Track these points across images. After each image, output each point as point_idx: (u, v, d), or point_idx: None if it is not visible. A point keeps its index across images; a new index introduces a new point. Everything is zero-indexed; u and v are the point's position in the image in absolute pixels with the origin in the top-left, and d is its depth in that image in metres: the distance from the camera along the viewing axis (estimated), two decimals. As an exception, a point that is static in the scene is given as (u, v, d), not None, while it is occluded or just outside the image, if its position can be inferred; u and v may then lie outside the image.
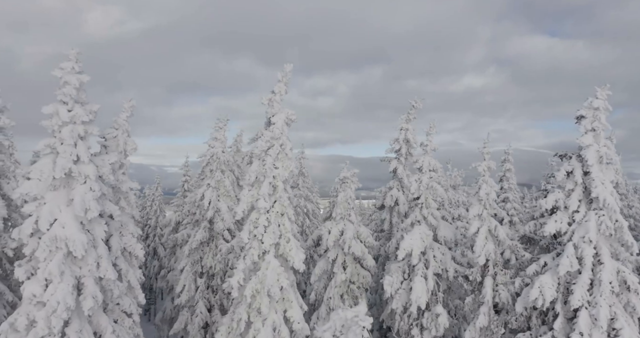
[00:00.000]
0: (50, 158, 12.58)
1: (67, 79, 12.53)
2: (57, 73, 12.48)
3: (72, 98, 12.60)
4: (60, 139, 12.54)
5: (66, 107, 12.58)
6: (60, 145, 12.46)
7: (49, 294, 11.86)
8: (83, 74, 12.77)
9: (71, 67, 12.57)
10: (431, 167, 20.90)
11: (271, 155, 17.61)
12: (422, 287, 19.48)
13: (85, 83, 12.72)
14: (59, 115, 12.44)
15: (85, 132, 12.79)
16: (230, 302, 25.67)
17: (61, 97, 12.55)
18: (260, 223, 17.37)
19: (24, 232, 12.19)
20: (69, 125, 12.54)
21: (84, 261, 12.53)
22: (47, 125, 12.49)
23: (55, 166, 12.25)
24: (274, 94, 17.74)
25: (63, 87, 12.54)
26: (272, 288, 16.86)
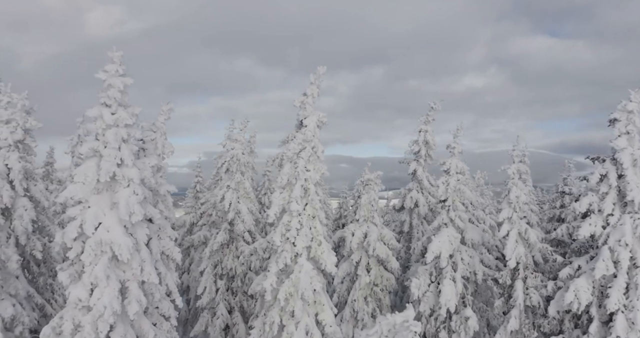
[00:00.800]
0: (93, 161, 12.51)
1: (111, 82, 12.46)
2: (101, 76, 12.41)
3: (116, 101, 12.54)
4: (103, 142, 12.47)
5: (110, 109, 12.51)
6: (104, 149, 12.38)
7: (96, 298, 11.79)
8: (126, 76, 12.69)
9: (115, 70, 12.49)
10: (458, 170, 20.85)
11: (303, 158, 17.55)
12: (451, 290, 19.42)
13: (129, 85, 12.64)
14: (103, 118, 12.37)
15: (127, 135, 12.72)
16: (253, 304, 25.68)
17: (105, 100, 12.48)
18: (293, 226, 17.32)
19: (68, 235, 12.12)
20: (113, 128, 12.48)
21: (128, 265, 12.46)
22: (91, 128, 12.43)
23: (100, 169, 12.18)
24: (305, 96, 17.68)
25: (107, 90, 12.46)
26: (305, 292, 16.81)
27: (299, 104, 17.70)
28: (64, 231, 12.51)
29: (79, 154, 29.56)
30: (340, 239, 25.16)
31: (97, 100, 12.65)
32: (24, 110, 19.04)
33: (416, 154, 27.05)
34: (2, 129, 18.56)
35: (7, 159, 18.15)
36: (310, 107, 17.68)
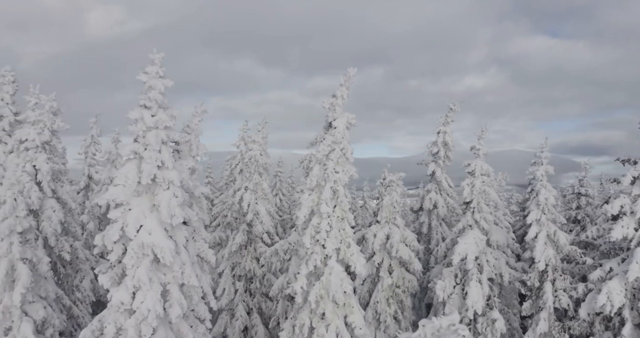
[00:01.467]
0: (134, 163, 12.45)
1: (151, 84, 12.40)
2: (142, 78, 12.35)
3: (157, 103, 12.48)
4: (144, 144, 12.41)
5: (150, 111, 12.45)
6: (145, 151, 12.32)
7: (139, 302, 11.72)
8: (166, 78, 12.64)
9: (155, 72, 12.44)
10: (483, 171, 20.79)
11: (332, 160, 17.49)
12: (478, 292, 19.36)
13: (169, 87, 12.59)
14: (143, 120, 12.31)
15: (167, 137, 12.66)
16: (274, 306, 25.67)
17: (145, 102, 12.42)
18: (322, 228, 17.25)
19: (109, 238, 12.05)
20: (153, 130, 12.42)
21: (169, 268, 12.40)
22: (132, 130, 12.36)
23: (142, 172, 12.12)
24: (335, 97, 17.60)
25: (148, 92, 12.41)
26: (336, 294, 16.76)
27: (328, 105, 17.63)
28: (104, 234, 12.45)
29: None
30: (359, 240, 25.12)
31: (137, 102, 12.58)
32: (51, 112, 19.01)
33: (435, 155, 27.00)
34: (30, 130, 18.54)
35: (35, 160, 18.10)
36: (339, 108, 17.60)
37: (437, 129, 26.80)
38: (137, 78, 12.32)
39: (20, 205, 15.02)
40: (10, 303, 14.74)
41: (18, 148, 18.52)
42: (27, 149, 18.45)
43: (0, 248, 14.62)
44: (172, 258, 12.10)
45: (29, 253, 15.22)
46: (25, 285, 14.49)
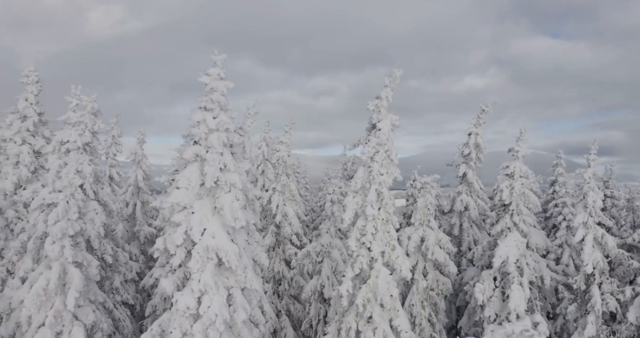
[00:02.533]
0: (196, 166, 12.33)
1: (213, 86, 12.28)
2: (204, 79, 12.23)
3: (219, 105, 12.36)
4: (205, 146, 12.29)
5: (211, 114, 12.33)
6: (208, 153, 12.20)
7: (205, 306, 11.59)
8: (227, 80, 12.51)
9: (217, 73, 12.32)
10: (522, 173, 20.65)
11: (377, 162, 17.37)
12: (520, 295, 19.20)
13: (231, 89, 12.46)
14: (206, 122, 12.18)
15: (227, 139, 12.54)
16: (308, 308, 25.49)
17: (207, 104, 12.30)
18: (368, 231, 17.11)
19: (172, 241, 11.92)
20: (215, 132, 12.29)
21: (232, 271, 12.28)
22: (195, 132, 12.23)
23: (205, 175, 11.99)
24: (379, 99, 17.49)
25: (210, 94, 12.28)
26: (384, 297, 16.63)
27: (373, 107, 17.50)
28: (165, 237, 12.33)
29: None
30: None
31: (197, 104, 12.45)
32: (92, 113, 18.88)
33: (466, 156, 26.84)
34: (71, 132, 18.41)
35: (76, 162, 17.97)
36: (384, 110, 17.48)
37: (468, 130, 26.66)
38: (200, 80, 12.20)
39: (72, 208, 14.89)
40: (62, 307, 14.61)
41: (59, 149, 18.38)
42: (69, 150, 18.33)
43: (52, 251, 14.51)
44: (237, 262, 11.97)
45: (80, 257, 15.08)
46: (78, 288, 14.36)
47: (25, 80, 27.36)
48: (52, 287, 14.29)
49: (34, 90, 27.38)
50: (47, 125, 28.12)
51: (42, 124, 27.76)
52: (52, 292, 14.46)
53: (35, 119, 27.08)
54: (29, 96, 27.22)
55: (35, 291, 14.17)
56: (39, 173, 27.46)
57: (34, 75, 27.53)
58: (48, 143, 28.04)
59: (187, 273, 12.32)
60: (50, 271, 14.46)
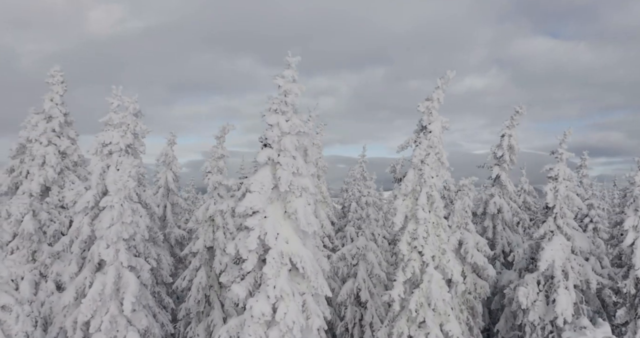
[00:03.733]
0: (268, 169, 12.06)
1: (287, 88, 12.01)
2: (278, 82, 11.95)
3: (292, 107, 12.09)
4: (277, 150, 12.02)
5: (284, 117, 12.06)
6: (281, 157, 11.93)
7: (282, 313, 11.33)
8: (298, 82, 12.25)
9: (291, 76, 12.05)
10: (566, 176, 20.48)
11: (428, 164, 17.15)
12: (567, 299, 19.03)
13: (304, 91, 12.20)
14: (279, 125, 11.92)
15: (298, 142, 12.28)
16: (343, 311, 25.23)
17: (280, 106, 12.02)
18: (420, 235, 16.91)
19: (247, 246, 11.63)
20: (288, 136, 12.03)
21: (304, 277, 12.01)
22: (268, 135, 11.96)
23: (280, 179, 11.73)
24: (430, 100, 17.26)
25: (284, 96, 12.01)
26: (437, 302, 16.42)
27: (424, 109, 17.28)
28: (236, 242, 12.05)
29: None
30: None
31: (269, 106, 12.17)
32: (133, 114, 18.57)
33: (499, 158, 26.64)
34: (113, 133, 18.10)
35: (119, 164, 17.67)
36: (435, 112, 17.26)
37: (501, 131, 26.47)
38: (274, 82, 11.92)
39: (127, 211, 14.59)
40: (117, 312, 14.32)
41: (101, 151, 18.07)
42: (111, 152, 18.02)
43: (107, 255, 14.20)
44: (312, 267, 11.72)
45: (134, 261, 14.79)
46: (134, 293, 14.07)
47: (51, 80, 26.99)
48: (108, 291, 13.99)
49: (59, 90, 27.00)
50: (72, 126, 27.81)
51: (67, 124, 27.43)
52: (108, 297, 14.16)
53: (61, 120, 26.72)
54: (55, 96, 26.85)
55: (91, 296, 13.86)
56: (64, 175, 27.16)
57: (59, 75, 27.14)
58: (73, 144, 27.73)
59: (257, 278, 12.04)
60: (106, 276, 14.15)
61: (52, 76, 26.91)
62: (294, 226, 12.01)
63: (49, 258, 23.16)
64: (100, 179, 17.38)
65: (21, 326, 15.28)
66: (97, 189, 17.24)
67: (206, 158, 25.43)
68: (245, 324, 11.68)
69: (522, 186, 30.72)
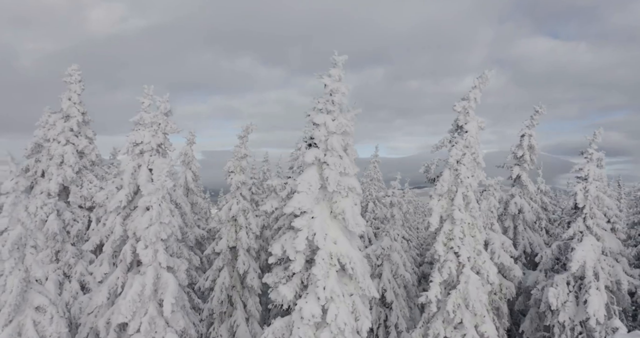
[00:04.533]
0: (315, 169, 11.91)
1: (334, 87, 11.86)
2: (325, 81, 11.81)
3: (339, 107, 11.95)
4: (324, 149, 11.88)
5: (331, 116, 11.91)
6: (327, 157, 11.78)
7: (332, 314, 11.19)
8: (345, 81, 12.10)
9: (338, 75, 11.90)
10: (596, 176, 20.34)
11: (464, 164, 17.01)
12: (599, 300, 18.90)
13: (350, 90, 12.05)
14: (326, 125, 11.77)
15: (344, 141, 12.13)
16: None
17: (327, 106, 11.88)
18: (456, 236, 16.78)
19: (293, 247, 11.50)
20: (335, 135, 11.88)
21: (352, 278, 11.87)
22: (315, 135, 11.81)
23: (327, 178, 11.58)
24: (467, 100, 17.12)
25: (331, 95, 11.86)
26: (475, 304, 16.28)
27: (460, 108, 17.14)
28: (282, 243, 11.90)
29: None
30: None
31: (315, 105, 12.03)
32: (164, 113, 18.41)
33: (519, 158, 26.50)
34: (145, 133, 17.94)
35: (151, 164, 17.53)
36: (472, 111, 17.12)
37: (521, 131, 26.34)
38: (321, 81, 11.78)
39: (165, 211, 14.44)
40: (156, 313, 14.17)
41: (132, 151, 17.91)
42: (142, 151, 17.87)
43: (146, 255, 14.05)
44: (362, 268, 11.58)
45: (171, 261, 14.64)
46: (174, 294, 13.92)
47: (68, 79, 26.85)
48: (147, 292, 13.84)
49: (77, 89, 26.88)
50: (89, 125, 27.66)
51: (84, 123, 27.29)
52: (147, 298, 14.01)
53: (79, 119, 26.61)
54: (73, 95, 26.72)
55: (130, 297, 13.71)
56: (82, 174, 27.03)
57: (77, 74, 27.00)
58: (91, 143, 27.59)
59: (303, 279, 11.90)
60: (145, 276, 13.99)
61: (70, 75, 26.76)
62: (341, 226, 11.87)
63: (72, 259, 23.05)
64: (132, 179, 17.24)
65: (55, 327, 15.06)
66: (129, 189, 17.11)
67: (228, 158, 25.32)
68: (294, 326, 11.54)
69: (538, 186, 30.58)
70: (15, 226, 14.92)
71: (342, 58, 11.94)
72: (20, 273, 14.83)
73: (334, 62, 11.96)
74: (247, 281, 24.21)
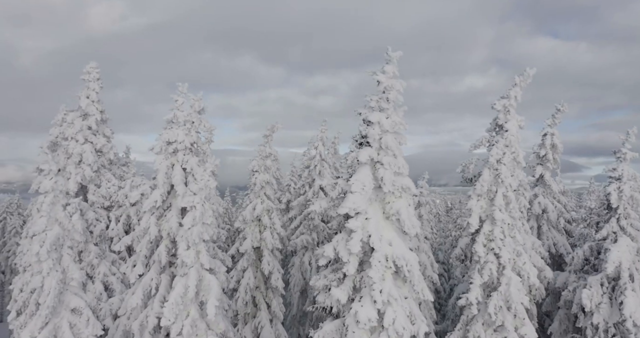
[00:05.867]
0: (368, 169, 11.62)
1: (388, 84, 11.56)
2: (379, 77, 11.51)
3: (393, 104, 11.65)
4: (377, 149, 11.58)
5: (384, 114, 11.62)
6: (381, 156, 11.49)
7: (390, 318, 10.91)
8: (400, 78, 11.80)
9: (392, 72, 11.60)
10: (630, 176, 20.06)
11: (505, 164, 16.73)
12: (635, 302, 18.63)
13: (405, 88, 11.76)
14: (380, 123, 11.48)
15: (396, 140, 11.83)
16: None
17: (381, 104, 11.58)
18: (496, 236, 16.49)
19: (347, 249, 11.20)
20: (389, 134, 11.59)
21: (408, 281, 11.58)
22: (370, 133, 11.51)
23: (382, 178, 11.30)
24: (507, 98, 16.82)
25: (386, 93, 11.57)
26: (517, 306, 16.01)
27: (501, 107, 16.84)
28: (334, 245, 11.62)
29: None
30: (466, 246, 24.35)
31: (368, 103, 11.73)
32: (197, 112, 18.10)
33: (542, 157, 26.16)
34: (179, 131, 17.63)
35: (185, 163, 17.24)
36: (513, 110, 16.83)
37: (543, 130, 26.02)
38: (374, 78, 11.48)
39: (208, 212, 14.14)
40: (197, 316, 13.87)
41: (166, 149, 17.60)
42: (176, 150, 17.56)
43: (188, 257, 13.76)
44: (417, 271, 11.30)
45: (213, 263, 14.35)
46: (217, 296, 13.64)
47: (87, 77, 26.55)
48: (190, 295, 13.55)
49: (95, 87, 26.60)
50: (107, 124, 27.34)
51: (102, 122, 26.97)
52: (189, 301, 13.71)
53: (97, 117, 26.32)
54: (91, 93, 26.43)
55: (173, 299, 13.41)
56: (100, 173, 26.70)
57: (95, 72, 26.70)
58: (109, 142, 27.28)
59: (356, 282, 11.61)
60: (187, 278, 13.70)
61: (88, 73, 26.46)
62: (395, 228, 11.59)
63: (96, 259, 22.75)
64: (165, 178, 16.94)
65: (91, 329, 14.81)
66: (164, 188, 16.81)
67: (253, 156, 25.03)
68: (348, 330, 11.25)
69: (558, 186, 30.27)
70: (53, 226, 14.66)
71: (396, 54, 11.64)
72: (58, 274, 14.57)
73: (388, 58, 11.66)
74: (271, 282, 23.94)
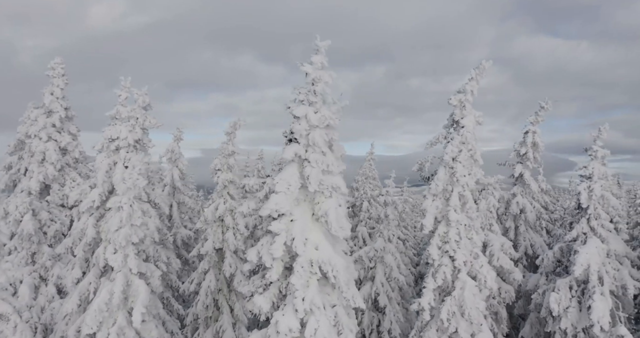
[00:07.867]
0: (295, 167, 10.80)
1: (316, 76, 10.72)
2: (306, 68, 10.67)
3: (322, 97, 10.82)
4: (305, 145, 10.76)
5: (313, 108, 10.79)
6: (309, 153, 10.67)
7: (312, 329, 10.09)
8: (330, 69, 10.96)
9: (321, 62, 10.76)
10: (601, 175, 19.22)
11: (461, 162, 15.90)
12: (604, 306, 17.79)
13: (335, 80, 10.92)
14: (307, 118, 10.65)
15: (327, 136, 11.01)
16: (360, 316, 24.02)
17: (308, 97, 10.75)
18: (451, 238, 15.68)
19: (270, 253, 10.39)
20: (317, 129, 10.76)
21: (335, 287, 10.76)
22: (295, 129, 10.69)
23: (309, 177, 10.47)
24: (463, 93, 15.99)
25: (313, 85, 10.73)
26: (471, 312, 15.19)
27: (457, 102, 16.01)
28: (258, 248, 10.80)
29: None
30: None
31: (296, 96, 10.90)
32: (142, 107, 17.29)
33: (522, 156, 25.33)
34: (121, 128, 16.83)
35: (127, 161, 16.42)
36: (469, 105, 15.99)
37: (525, 128, 25.19)
38: (302, 69, 10.64)
39: (137, 213, 13.33)
40: (125, 323, 13.08)
41: (108, 147, 16.80)
42: (119, 148, 16.76)
43: (115, 261, 12.95)
44: (346, 277, 10.47)
45: (143, 267, 13.54)
46: (144, 303, 12.84)
47: (51, 73, 25.83)
48: (115, 301, 12.75)
49: (60, 83, 25.87)
50: (73, 121, 26.58)
51: (68, 119, 26.21)
52: (115, 307, 12.91)
53: (62, 114, 25.59)
54: (55, 90, 25.69)
55: (97, 306, 12.62)
56: (65, 172, 25.94)
57: (60, 68, 25.96)
58: (74, 140, 26.50)
59: (282, 289, 10.80)
60: (114, 283, 12.90)
61: (53, 68, 25.72)
62: (324, 230, 10.76)
63: (49, 261, 21.91)
64: (106, 177, 16.13)
65: (19, 336, 14.01)
66: (103, 188, 16.00)
67: (215, 155, 24.19)
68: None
69: (539, 185, 29.45)
70: (-26, 228, 13.88)
71: (324, 43, 10.80)
72: (-20, 279, 13.80)
73: (316, 47, 10.81)
74: (234, 284, 23.12)
